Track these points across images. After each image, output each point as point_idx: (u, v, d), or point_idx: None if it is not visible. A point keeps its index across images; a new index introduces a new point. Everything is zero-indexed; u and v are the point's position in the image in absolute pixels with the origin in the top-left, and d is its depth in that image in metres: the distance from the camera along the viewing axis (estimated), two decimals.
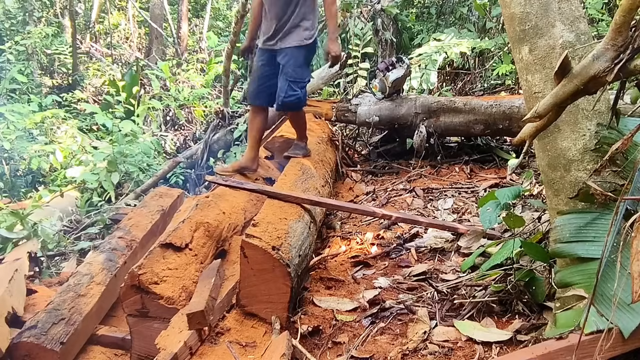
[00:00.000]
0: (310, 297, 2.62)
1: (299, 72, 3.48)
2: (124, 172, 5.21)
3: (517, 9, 1.98)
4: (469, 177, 4.43)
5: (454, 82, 6.94)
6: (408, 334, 2.24)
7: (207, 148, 6.01)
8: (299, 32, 3.46)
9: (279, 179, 3.23)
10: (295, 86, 3.45)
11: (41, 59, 9.93)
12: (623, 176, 1.82)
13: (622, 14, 1.42)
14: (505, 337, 2.05)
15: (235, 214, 3.16)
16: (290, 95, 3.44)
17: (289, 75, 3.45)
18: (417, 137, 4.72)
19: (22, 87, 8.70)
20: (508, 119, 4.40)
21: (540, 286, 2.14)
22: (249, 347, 2.21)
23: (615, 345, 1.48)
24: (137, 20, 12.05)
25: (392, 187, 4.34)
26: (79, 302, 2.57)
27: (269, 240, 2.33)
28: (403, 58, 4.99)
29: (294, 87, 3.45)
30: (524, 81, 2.05)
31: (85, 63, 10.57)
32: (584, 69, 1.51)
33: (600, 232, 1.77)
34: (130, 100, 7.46)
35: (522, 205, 3.27)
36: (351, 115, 5.14)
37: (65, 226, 4.39)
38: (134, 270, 2.35)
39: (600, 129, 1.88)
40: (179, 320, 2.27)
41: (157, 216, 3.35)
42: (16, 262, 2.96)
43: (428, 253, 3.05)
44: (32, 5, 10.65)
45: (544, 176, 2.06)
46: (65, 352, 2.35)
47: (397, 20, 7.52)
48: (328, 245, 3.32)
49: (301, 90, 3.50)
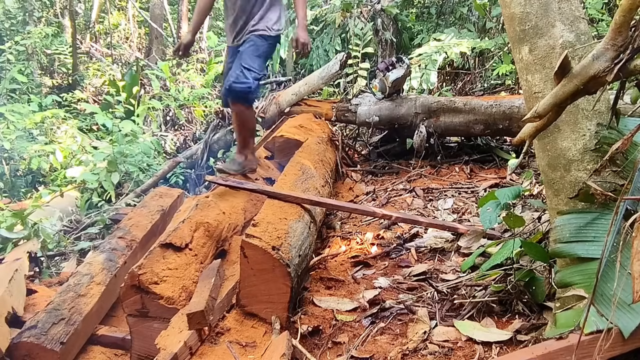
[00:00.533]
0: (310, 297, 2.62)
1: (256, 62, 3.27)
2: (124, 172, 5.21)
3: (517, 9, 1.98)
4: (469, 177, 4.43)
5: (454, 82, 6.94)
6: (408, 334, 2.24)
7: (207, 148, 6.01)
8: (266, 22, 3.35)
9: (279, 179, 3.23)
10: (248, 74, 3.22)
11: (41, 59, 9.93)
12: (623, 176, 1.82)
13: (622, 14, 1.42)
14: (505, 337, 2.05)
15: (235, 214, 3.17)
16: (241, 82, 3.20)
17: (244, 61, 3.24)
18: (417, 137, 4.72)
19: (22, 87, 8.70)
20: (508, 119, 4.40)
21: (540, 286, 2.14)
22: (249, 347, 2.22)
23: (615, 345, 1.48)
24: (137, 20, 12.05)
25: (392, 187, 4.34)
26: (79, 302, 2.57)
27: (269, 240, 2.33)
28: (403, 58, 4.99)
29: (247, 75, 3.21)
30: (524, 81, 2.05)
31: (85, 63, 10.57)
32: (583, 69, 1.51)
33: (600, 232, 1.77)
34: (130, 100, 7.46)
35: (522, 205, 3.27)
36: (351, 115, 5.15)
37: (65, 226, 4.39)
38: (134, 270, 2.35)
39: (600, 129, 1.88)
40: (179, 320, 2.27)
41: (157, 216, 3.35)
42: (16, 262, 2.96)
43: (428, 253, 3.05)
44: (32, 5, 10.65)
45: (544, 176, 2.06)
46: (65, 352, 2.35)
47: (397, 20, 7.52)
48: (328, 245, 3.32)
49: (254, 81, 3.25)
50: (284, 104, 5.58)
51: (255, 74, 3.25)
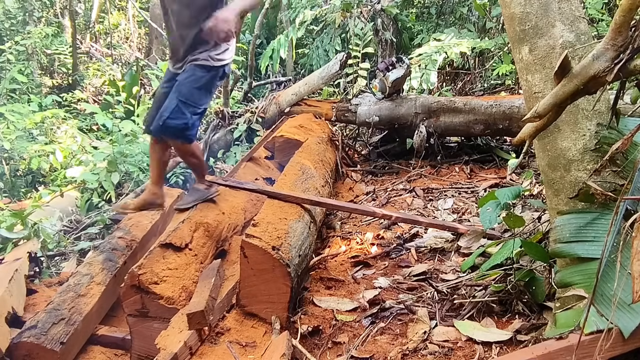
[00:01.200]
0: (310, 297, 2.62)
1: (195, 94, 2.82)
2: (124, 172, 5.20)
3: (517, 9, 1.98)
4: (469, 177, 4.43)
5: (454, 82, 6.94)
6: (408, 334, 2.24)
7: (207, 148, 6.00)
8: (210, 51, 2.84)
9: (279, 179, 3.23)
10: (185, 109, 2.78)
11: (41, 59, 9.92)
12: (623, 176, 1.82)
13: (622, 14, 1.42)
14: (505, 337, 2.06)
15: (235, 214, 3.17)
16: (177, 118, 2.75)
17: (181, 94, 2.79)
18: (417, 137, 4.72)
19: (22, 87, 8.69)
20: (508, 119, 4.41)
21: (540, 286, 2.14)
22: (249, 347, 2.22)
23: (615, 345, 1.48)
24: (137, 20, 12.04)
25: (392, 187, 4.34)
26: (79, 302, 2.57)
27: (269, 240, 2.33)
28: (403, 58, 4.99)
29: (184, 110, 2.77)
30: (524, 81, 2.05)
31: (85, 63, 10.56)
32: (583, 69, 1.51)
33: (600, 232, 1.77)
34: (130, 100, 7.45)
35: (522, 205, 3.27)
36: (351, 115, 5.15)
37: (65, 226, 4.39)
38: (134, 270, 2.35)
39: (600, 129, 1.88)
40: (179, 320, 2.27)
41: (157, 216, 3.35)
42: (16, 262, 2.97)
43: (428, 253, 3.05)
44: (32, 5, 10.65)
45: (544, 176, 2.06)
46: (65, 352, 2.35)
47: (397, 20, 7.52)
48: (328, 245, 3.32)
49: (192, 116, 2.81)
50: (284, 104, 5.58)
51: (194, 108, 2.82)
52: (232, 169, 4.36)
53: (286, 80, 8.40)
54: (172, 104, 2.78)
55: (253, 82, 7.30)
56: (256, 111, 5.77)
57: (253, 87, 7.49)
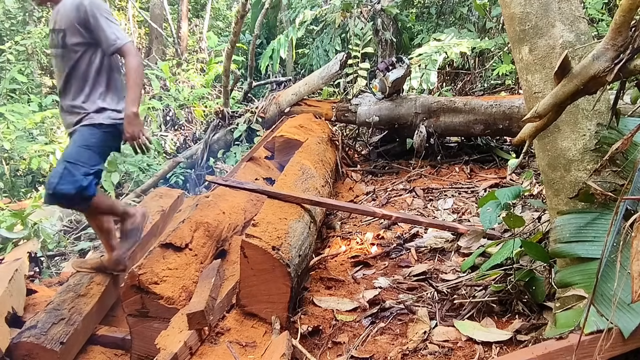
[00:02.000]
0: (310, 297, 2.62)
1: (82, 154, 2.58)
2: (124, 172, 5.21)
3: (517, 9, 1.98)
4: (469, 177, 4.43)
5: (454, 82, 6.95)
6: (408, 334, 2.24)
7: (207, 148, 6.01)
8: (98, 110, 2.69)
9: (279, 179, 3.23)
10: (75, 170, 2.52)
11: (41, 59, 9.93)
12: (623, 176, 1.82)
13: (622, 14, 1.42)
14: (505, 337, 2.05)
15: (235, 214, 3.17)
16: (65, 182, 2.49)
17: (67, 156, 2.57)
18: (417, 137, 4.73)
19: (22, 87, 8.70)
20: (508, 119, 4.41)
21: (540, 286, 2.14)
22: (249, 347, 2.21)
23: (615, 345, 1.48)
24: (137, 20, 12.05)
25: (392, 187, 4.34)
26: (79, 302, 2.58)
27: (269, 240, 2.33)
28: (403, 58, 4.99)
29: (73, 172, 2.51)
30: (524, 81, 2.05)
31: None
32: (584, 69, 1.51)
33: (600, 232, 1.77)
34: None
35: (522, 205, 3.27)
36: (351, 115, 5.15)
37: (65, 226, 4.40)
38: (134, 270, 2.35)
39: (600, 129, 1.88)
40: (179, 320, 2.27)
41: (157, 216, 3.35)
42: (16, 262, 2.97)
43: (428, 253, 3.05)
44: (32, 5, 10.65)
45: (544, 176, 2.06)
46: (65, 352, 2.35)
47: (397, 20, 7.53)
48: (328, 245, 3.32)
49: (85, 177, 2.54)
50: (284, 104, 5.59)
51: (85, 168, 2.56)
52: (232, 169, 4.37)
53: (286, 80, 8.41)
54: (59, 169, 2.54)
55: (253, 82, 7.30)
56: (256, 111, 5.77)
57: (253, 87, 7.49)
